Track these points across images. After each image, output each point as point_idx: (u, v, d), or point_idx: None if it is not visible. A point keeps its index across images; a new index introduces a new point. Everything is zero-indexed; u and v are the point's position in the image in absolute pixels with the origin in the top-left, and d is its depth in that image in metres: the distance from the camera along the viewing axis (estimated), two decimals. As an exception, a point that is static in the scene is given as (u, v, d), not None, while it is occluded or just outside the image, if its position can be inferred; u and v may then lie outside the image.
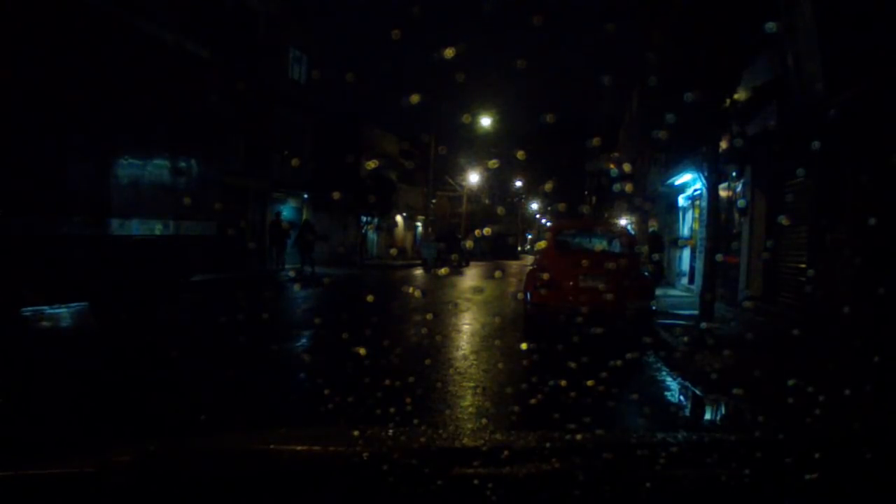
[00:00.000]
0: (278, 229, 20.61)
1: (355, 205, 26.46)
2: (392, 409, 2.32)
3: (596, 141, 23.10)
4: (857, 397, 2.40)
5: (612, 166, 35.70)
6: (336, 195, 23.72)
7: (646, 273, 10.50)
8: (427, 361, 6.75)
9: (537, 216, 65.07)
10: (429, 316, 10.62)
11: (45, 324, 8.68)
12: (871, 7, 7.14)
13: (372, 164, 31.04)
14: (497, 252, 46.25)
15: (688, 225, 19.57)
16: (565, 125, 46.72)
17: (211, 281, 13.44)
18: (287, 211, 25.44)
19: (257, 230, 22.22)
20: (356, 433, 1.48)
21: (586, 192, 49.87)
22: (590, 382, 2.58)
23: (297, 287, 17.66)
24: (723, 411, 5.67)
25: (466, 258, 33.51)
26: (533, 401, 2.72)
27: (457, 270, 27.59)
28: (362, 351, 3.50)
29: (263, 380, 5.89)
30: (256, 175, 21.42)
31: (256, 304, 12.62)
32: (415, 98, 2.49)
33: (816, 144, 6.58)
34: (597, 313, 8.48)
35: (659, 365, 7.45)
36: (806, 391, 2.40)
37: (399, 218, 38.11)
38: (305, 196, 25.84)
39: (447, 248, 31.77)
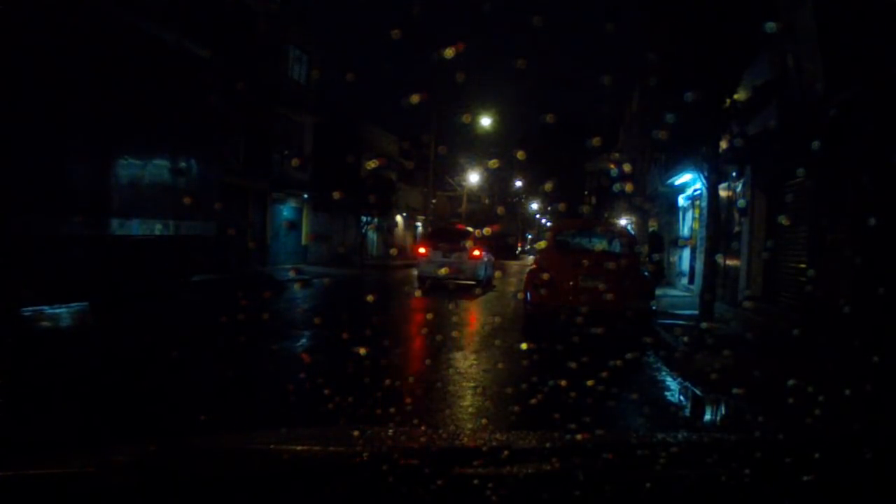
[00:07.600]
0: None
1: (355, 205, 26.43)
2: (392, 409, 2.31)
3: (596, 141, 23.01)
4: (857, 397, 2.40)
5: (612, 166, 35.70)
6: (336, 195, 23.70)
7: (646, 273, 10.50)
8: (427, 361, 6.75)
9: (537, 216, 65.05)
10: (429, 315, 10.62)
11: (45, 324, 8.68)
12: (871, 7, 7.14)
13: (372, 164, 31.00)
14: (497, 252, 46.16)
15: (688, 225, 19.57)
16: (565, 125, 46.67)
17: (211, 281, 13.42)
18: (287, 211, 25.43)
19: (257, 230, 22.23)
20: (356, 433, 1.48)
21: (586, 192, 49.82)
22: (590, 382, 2.58)
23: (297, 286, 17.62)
24: (723, 411, 5.67)
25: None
26: (533, 401, 2.71)
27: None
28: (362, 350, 3.49)
29: (263, 380, 5.88)
30: (256, 175, 21.42)
31: (257, 303, 12.61)
32: (415, 98, 2.48)
33: (816, 144, 6.57)
34: (597, 313, 8.48)
35: (659, 365, 7.45)
36: (806, 391, 2.40)
37: (399, 218, 38.08)
38: (305, 196, 25.85)
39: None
